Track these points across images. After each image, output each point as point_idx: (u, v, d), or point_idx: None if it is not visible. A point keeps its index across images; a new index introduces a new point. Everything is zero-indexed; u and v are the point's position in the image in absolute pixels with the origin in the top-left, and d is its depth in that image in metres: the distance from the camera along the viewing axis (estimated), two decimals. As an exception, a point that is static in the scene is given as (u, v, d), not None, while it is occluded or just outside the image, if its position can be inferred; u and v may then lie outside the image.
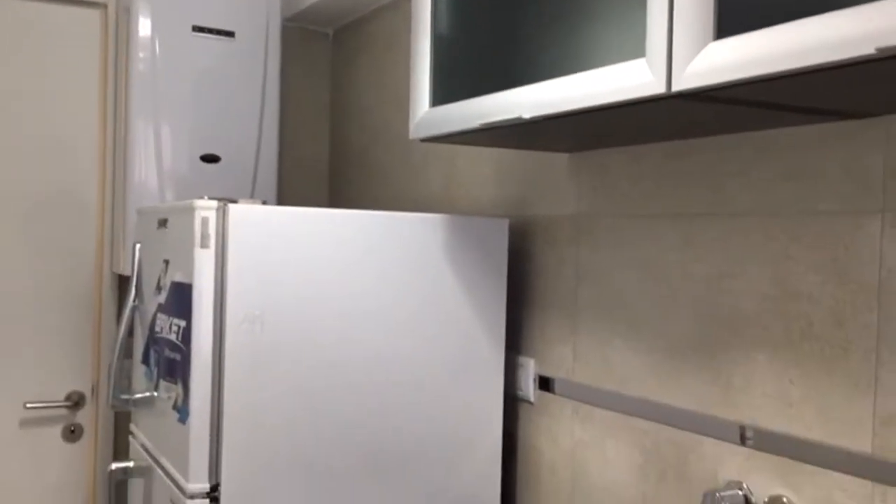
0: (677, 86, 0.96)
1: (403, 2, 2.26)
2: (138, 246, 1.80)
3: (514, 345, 1.78)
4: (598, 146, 1.54)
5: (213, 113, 2.22)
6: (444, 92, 1.42)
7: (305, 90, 2.60)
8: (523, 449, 1.76)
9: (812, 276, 1.18)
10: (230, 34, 2.23)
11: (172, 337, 1.52)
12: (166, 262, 1.59)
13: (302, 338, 1.48)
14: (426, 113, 1.45)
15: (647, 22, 0.99)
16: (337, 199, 2.62)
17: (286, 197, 2.54)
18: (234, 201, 1.44)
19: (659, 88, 0.98)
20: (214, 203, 1.43)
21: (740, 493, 1.26)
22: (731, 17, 0.90)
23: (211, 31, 2.21)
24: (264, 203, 1.47)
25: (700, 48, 0.93)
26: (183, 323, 1.46)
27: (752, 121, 1.18)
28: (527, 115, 1.19)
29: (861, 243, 1.11)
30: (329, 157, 2.69)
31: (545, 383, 1.70)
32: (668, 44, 0.97)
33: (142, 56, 2.13)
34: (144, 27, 2.13)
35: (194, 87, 2.19)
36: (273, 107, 2.31)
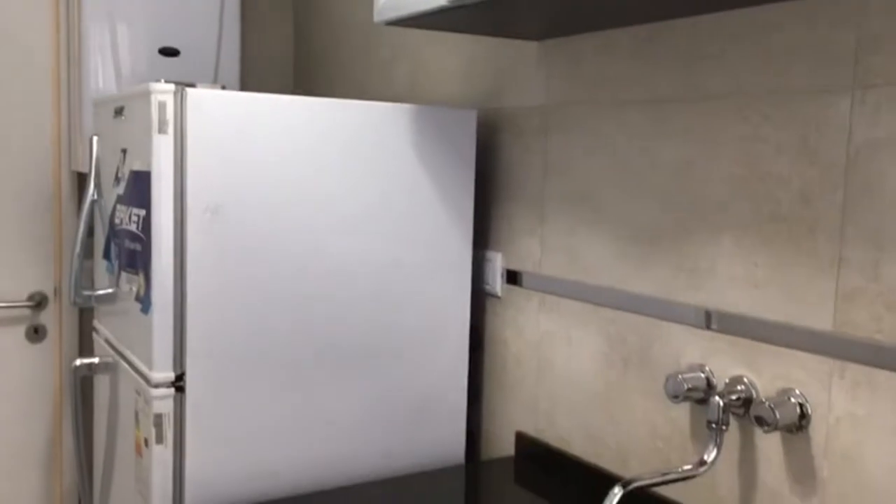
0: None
1: None
2: (95, 138, 1.75)
3: (481, 239, 1.77)
4: (568, 32, 1.50)
5: (171, 4, 2.13)
6: (409, -29, 1.37)
7: (268, -16, 2.51)
8: (490, 342, 1.77)
9: (781, 156, 1.16)
10: (187, -80, 2.13)
11: (132, 227, 1.49)
12: (124, 151, 1.55)
13: (266, 229, 1.45)
14: (391, -6, 1.40)
15: None
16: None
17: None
18: (192, 85, 1.39)
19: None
20: (172, 87, 1.37)
21: (702, 375, 1.28)
22: None
23: (166, -83, 2.10)
24: (223, 88, 1.42)
25: None
26: (142, 212, 1.43)
27: (726, -4, 1.15)
28: (495, -11, 1.15)
29: (831, 121, 1.10)
30: (294, 54, 2.61)
31: (513, 277, 1.70)
32: None
33: (93, -58, 2.03)
34: (95, -89, 2.02)
35: (150, -24, 2.09)
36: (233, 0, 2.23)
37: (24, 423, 2.26)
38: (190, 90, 1.37)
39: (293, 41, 2.60)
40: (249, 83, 2.48)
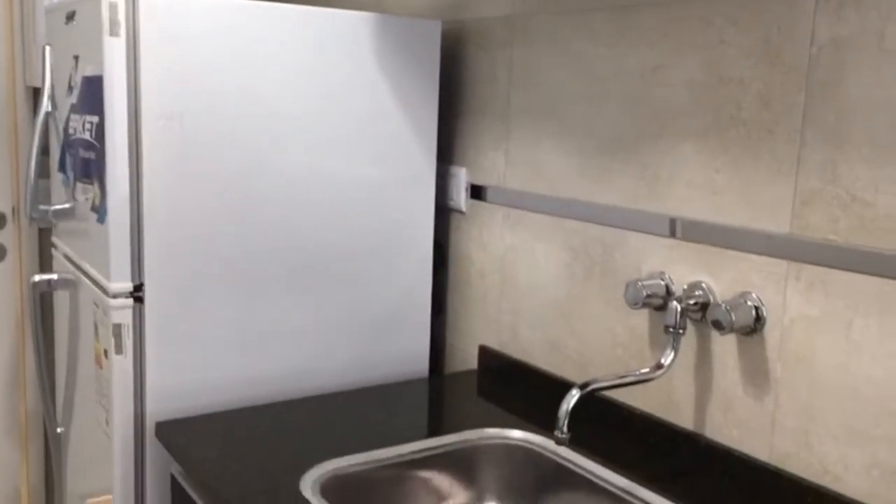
0: None
1: None
2: (48, 48, 1.69)
3: (445, 154, 1.75)
4: (534, -63, 1.46)
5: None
6: None
7: None
8: (454, 258, 1.76)
9: (744, 60, 1.15)
10: None
11: (86, 136, 1.45)
12: (76, 58, 1.50)
13: (225, 140, 1.42)
14: None
15: None
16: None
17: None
18: (144, -14, 1.34)
19: None
20: (123, -13, 1.32)
21: (661, 282, 1.28)
22: None
23: None
24: (178, -10, 1.37)
25: None
26: (95, 119, 1.39)
27: None
28: None
29: (794, 21, 1.09)
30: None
31: (477, 192, 1.68)
32: None
33: None
34: None
35: None
36: None
37: (-14, 345, 2.24)
38: (142, -9, 1.33)
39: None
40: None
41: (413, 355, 1.69)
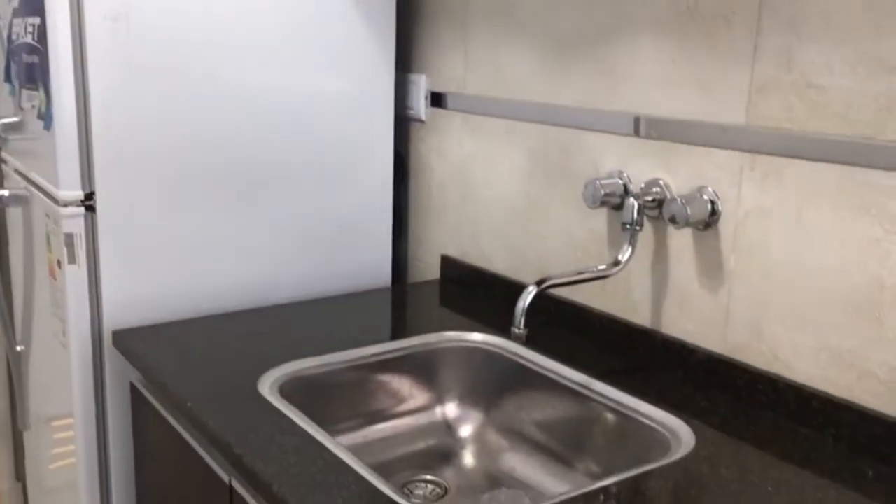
0: None
1: None
2: (-13, -47, 1.61)
3: (404, 61, 1.72)
4: None
5: None
6: None
7: None
8: (415, 169, 1.74)
9: (702, -53, 1.13)
10: None
11: (28, 39, 1.40)
12: (14, -42, 1.43)
13: (175, 44, 1.38)
14: None
15: None
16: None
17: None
18: None
19: None
20: None
21: (619, 181, 1.28)
22: None
23: None
24: None
25: None
26: (37, 20, 1.34)
27: None
28: None
29: None
30: None
31: (437, 99, 1.66)
32: None
33: None
34: None
35: None
36: None
37: (-59, 269, 2.20)
38: None
39: None
40: None
41: (375, 268, 1.68)
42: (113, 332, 1.36)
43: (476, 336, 1.37)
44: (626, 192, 1.27)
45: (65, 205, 1.36)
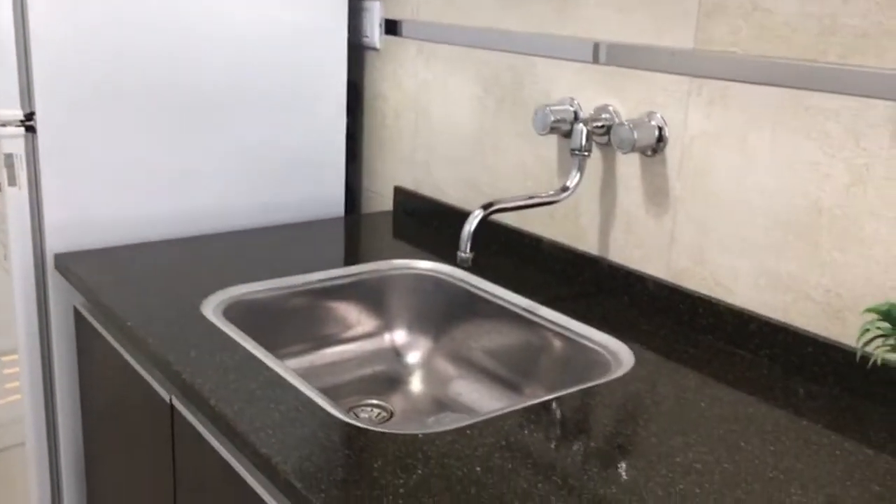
0: None
1: None
2: None
3: (359, -12, 1.68)
4: None
5: None
6: None
7: None
8: (369, 99, 1.72)
9: None
10: None
11: (-37, -49, 1.34)
12: None
13: (117, -40, 1.33)
14: None
15: None
16: None
17: None
18: None
19: None
20: None
21: (570, 108, 1.27)
22: None
23: None
24: None
25: None
26: (-29, -70, 1.28)
27: None
28: None
29: None
30: None
31: (392, 27, 1.63)
32: None
33: None
34: None
35: None
36: None
37: None
38: None
39: None
40: None
41: (327, 199, 1.67)
42: (55, 255, 1.34)
43: (425, 264, 1.37)
44: (577, 118, 1.26)
45: (3, 124, 1.32)
